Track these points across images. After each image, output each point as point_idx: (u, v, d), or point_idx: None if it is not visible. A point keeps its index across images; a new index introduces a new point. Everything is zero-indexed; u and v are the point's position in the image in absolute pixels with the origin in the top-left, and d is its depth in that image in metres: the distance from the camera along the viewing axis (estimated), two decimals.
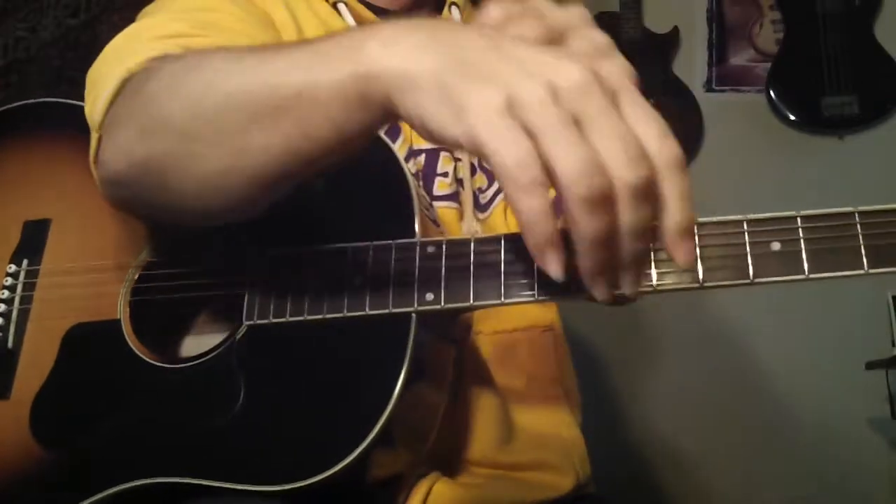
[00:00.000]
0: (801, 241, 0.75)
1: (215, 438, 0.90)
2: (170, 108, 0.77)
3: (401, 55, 0.62)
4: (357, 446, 0.83)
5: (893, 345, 2.52)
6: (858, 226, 0.76)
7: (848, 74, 2.63)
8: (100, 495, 0.91)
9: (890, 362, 2.44)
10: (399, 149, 1.10)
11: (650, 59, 2.79)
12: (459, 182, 1.15)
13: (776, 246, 0.75)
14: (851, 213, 0.76)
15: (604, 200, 0.56)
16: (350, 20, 1.13)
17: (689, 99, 2.77)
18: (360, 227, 0.90)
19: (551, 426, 1.15)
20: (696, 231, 0.78)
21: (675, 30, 2.81)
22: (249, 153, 0.72)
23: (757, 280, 0.75)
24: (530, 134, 0.56)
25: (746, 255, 0.76)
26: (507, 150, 0.55)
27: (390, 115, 0.64)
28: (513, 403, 1.11)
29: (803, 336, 2.62)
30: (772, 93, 2.71)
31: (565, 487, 1.11)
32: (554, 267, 0.58)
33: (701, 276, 0.77)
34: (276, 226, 0.96)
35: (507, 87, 0.57)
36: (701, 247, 0.77)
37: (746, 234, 0.76)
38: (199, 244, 0.99)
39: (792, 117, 2.70)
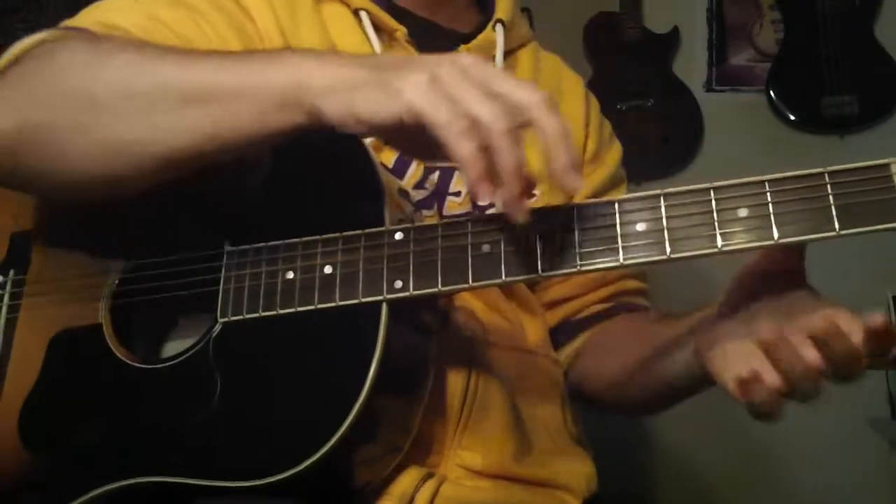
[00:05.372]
0: (770, 205, 0.75)
1: (193, 436, 0.90)
2: (88, 82, 0.88)
3: (330, 70, 0.81)
4: (331, 437, 0.83)
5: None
6: (829, 186, 0.75)
7: (848, 74, 2.62)
8: (83, 498, 0.91)
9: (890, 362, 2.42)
10: (416, 166, 1.13)
11: (650, 59, 2.79)
12: (473, 203, 1.16)
13: (743, 212, 0.75)
14: (821, 174, 0.76)
15: (515, 132, 0.75)
16: (370, 28, 1.15)
17: (689, 99, 2.76)
18: (331, 219, 0.90)
19: (563, 445, 1.16)
20: (662, 201, 0.78)
21: (675, 30, 2.80)
22: (169, 131, 0.85)
23: (725, 248, 0.75)
24: (452, 100, 0.75)
25: (714, 223, 0.76)
26: (439, 112, 0.74)
27: (314, 120, 0.82)
28: (525, 419, 1.12)
29: None
30: (772, 93, 2.70)
31: None
32: (486, 191, 0.75)
33: (668, 248, 0.77)
34: (247, 222, 0.96)
35: (429, 70, 0.76)
36: (668, 217, 0.77)
37: (714, 201, 0.76)
38: (174, 246, 1.00)
39: (792, 117, 2.69)
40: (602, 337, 1.21)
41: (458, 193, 1.14)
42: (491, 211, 1.14)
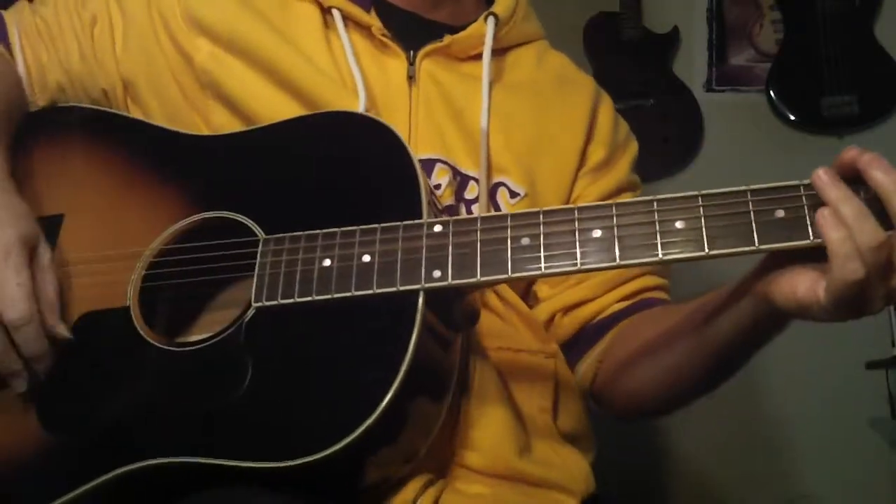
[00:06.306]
0: (805, 207, 0.76)
1: (220, 418, 0.90)
2: None
3: None
4: (361, 425, 0.83)
5: (893, 345, 2.51)
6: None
7: (848, 74, 2.63)
8: (98, 480, 0.91)
9: (890, 362, 2.43)
10: None
11: (650, 59, 2.79)
12: (458, 194, 1.16)
13: (780, 213, 0.76)
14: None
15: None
16: (341, 26, 1.15)
17: (689, 99, 2.76)
18: (369, 212, 0.91)
19: (555, 444, 1.15)
20: (700, 201, 0.78)
21: (675, 30, 2.80)
22: None
23: (762, 247, 0.76)
24: None
25: (751, 223, 0.76)
26: None
27: None
28: (523, 416, 1.12)
29: (803, 336, 2.59)
30: (772, 93, 2.70)
31: None
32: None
33: (706, 246, 0.78)
34: (286, 212, 0.96)
35: None
36: (706, 217, 0.78)
37: (750, 202, 0.76)
38: (208, 233, 1.00)
39: (792, 117, 2.69)
40: (626, 329, 1.18)
41: (438, 186, 1.14)
42: (474, 209, 1.16)
